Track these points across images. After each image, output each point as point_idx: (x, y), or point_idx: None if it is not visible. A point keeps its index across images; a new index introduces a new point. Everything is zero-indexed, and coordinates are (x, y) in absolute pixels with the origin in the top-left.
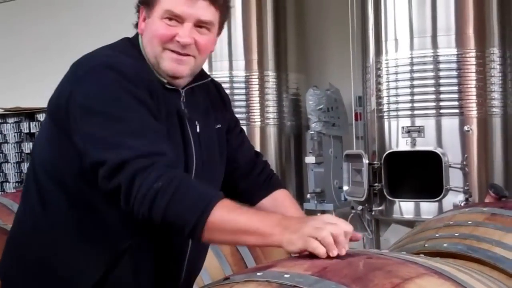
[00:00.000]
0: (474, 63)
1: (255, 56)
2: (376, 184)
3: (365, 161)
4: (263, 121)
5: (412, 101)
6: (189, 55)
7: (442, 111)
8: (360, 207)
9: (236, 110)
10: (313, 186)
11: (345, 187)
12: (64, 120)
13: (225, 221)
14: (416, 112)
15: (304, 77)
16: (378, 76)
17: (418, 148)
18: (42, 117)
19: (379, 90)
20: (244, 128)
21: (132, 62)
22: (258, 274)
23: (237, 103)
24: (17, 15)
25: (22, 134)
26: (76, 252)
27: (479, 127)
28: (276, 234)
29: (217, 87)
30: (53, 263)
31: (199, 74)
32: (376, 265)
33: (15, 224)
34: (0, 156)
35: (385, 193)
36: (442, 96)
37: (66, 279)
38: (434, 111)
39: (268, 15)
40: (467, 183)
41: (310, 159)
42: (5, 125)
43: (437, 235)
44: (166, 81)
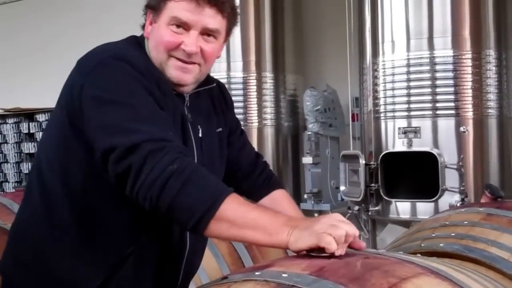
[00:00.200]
0: (470, 65)
1: (253, 57)
2: (373, 185)
3: (362, 162)
4: (261, 122)
5: (409, 102)
6: (195, 63)
7: (438, 112)
8: (357, 207)
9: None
10: (310, 186)
11: (342, 187)
12: (77, 115)
13: (234, 215)
14: (413, 113)
15: (302, 78)
16: (375, 77)
17: (415, 149)
18: (42, 118)
19: (376, 91)
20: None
21: (141, 56)
22: (256, 274)
23: (235, 104)
24: (17, 17)
25: (22, 135)
26: (78, 256)
27: (475, 128)
28: (283, 234)
29: (221, 89)
30: (54, 265)
31: (205, 79)
32: (374, 265)
33: (17, 223)
34: (0, 156)
35: (382, 193)
36: (438, 97)
37: (67, 282)
38: (431, 112)
39: (266, 17)
40: (463, 184)
41: (307, 160)
42: (5, 126)
43: (434, 235)
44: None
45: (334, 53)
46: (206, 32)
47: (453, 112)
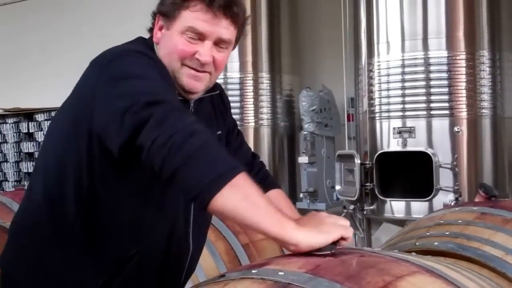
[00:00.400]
0: (464, 65)
1: (250, 58)
2: (368, 184)
3: (357, 161)
4: (257, 122)
5: (403, 103)
6: (206, 72)
7: (433, 112)
8: (352, 206)
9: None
10: (306, 186)
11: (338, 187)
12: (89, 110)
13: (251, 187)
14: (407, 113)
15: (298, 79)
16: (370, 78)
17: (409, 149)
18: (41, 118)
19: (371, 92)
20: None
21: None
22: (253, 272)
23: (232, 104)
24: (17, 18)
25: (21, 134)
26: (81, 256)
27: (469, 128)
28: (293, 227)
29: (220, 92)
30: (56, 264)
31: None
32: (369, 263)
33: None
34: (0, 156)
35: (377, 193)
36: (433, 98)
37: (69, 281)
38: (425, 112)
39: (263, 18)
40: (457, 183)
41: (303, 159)
42: (5, 125)
43: (428, 234)
44: (178, 93)
45: (330, 54)
46: (219, 42)
47: (447, 112)
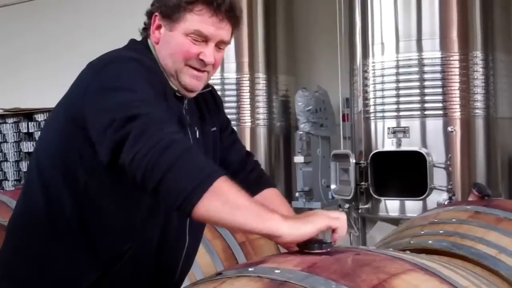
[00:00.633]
0: (458, 66)
1: (246, 59)
2: (363, 183)
3: (352, 161)
4: (254, 122)
5: (398, 103)
6: (205, 71)
7: (427, 113)
8: (347, 205)
9: (227, 111)
10: (302, 185)
11: (333, 186)
12: (80, 113)
13: (229, 192)
14: (402, 113)
15: (293, 79)
16: (365, 79)
17: (403, 148)
18: (40, 118)
19: (366, 92)
20: (235, 129)
21: (151, 61)
22: (250, 270)
23: (228, 104)
24: (16, 19)
25: (21, 134)
26: (77, 250)
27: (462, 128)
28: (276, 220)
29: (211, 91)
30: (53, 258)
31: None
32: (364, 261)
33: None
34: (0, 155)
35: (371, 192)
36: (427, 98)
37: (65, 275)
38: (419, 112)
39: (259, 20)
40: (451, 182)
41: (299, 159)
42: (5, 125)
43: (422, 232)
44: (177, 90)
45: (325, 55)
46: (219, 43)
47: (441, 113)
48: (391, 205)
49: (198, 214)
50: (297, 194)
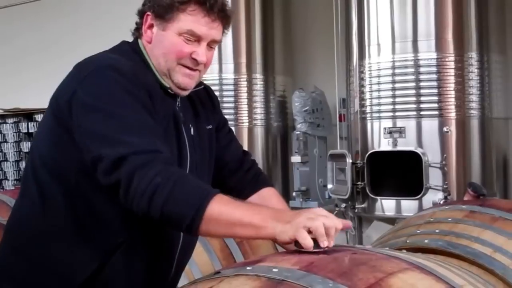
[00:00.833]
0: (453, 67)
1: (244, 60)
2: (359, 183)
3: (349, 161)
4: (251, 122)
5: (394, 103)
6: (197, 70)
7: (422, 113)
8: (344, 205)
9: (225, 111)
10: (299, 185)
11: (329, 186)
12: (67, 118)
13: (222, 214)
14: (398, 114)
15: (291, 80)
16: (361, 79)
17: (399, 148)
18: (40, 118)
19: (362, 93)
20: (233, 129)
21: (133, 65)
22: (248, 268)
23: (226, 105)
24: (16, 20)
25: (21, 134)
26: (71, 246)
27: (458, 128)
28: (269, 227)
29: (207, 89)
30: (49, 253)
31: None
32: (361, 260)
33: (15, 215)
34: (0, 155)
35: (368, 191)
36: (422, 99)
37: (60, 271)
38: (415, 113)
39: (256, 21)
40: (446, 182)
41: (296, 159)
42: (5, 125)
43: (418, 232)
44: (169, 87)
45: (322, 56)
46: (211, 43)
47: (437, 113)
48: (387, 205)
49: (202, 233)
50: (294, 194)
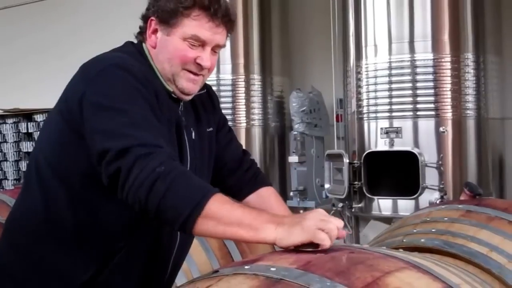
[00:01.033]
0: (449, 68)
1: (242, 60)
2: (356, 183)
3: (346, 161)
4: (249, 122)
5: (390, 104)
6: (201, 75)
7: (419, 113)
8: (341, 204)
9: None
10: (296, 184)
11: (327, 185)
12: (77, 119)
13: (220, 212)
14: (394, 114)
15: (288, 80)
16: (358, 80)
17: (396, 148)
18: (40, 118)
19: (359, 93)
20: None
21: (141, 66)
22: (246, 267)
23: (224, 105)
24: (16, 21)
25: (20, 134)
26: (71, 248)
27: (454, 128)
28: (269, 229)
29: (208, 91)
30: (48, 255)
31: None
32: (358, 259)
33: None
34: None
35: (365, 191)
36: (419, 99)
37: (59, 272)
38: (411, 113)
39: (254, 22)
40: (442, 182)
41: (293, 159)
42: (4, 125)
43: (415, 231)
44: (172, 91)
45: (319, 57)
46: (215, 47)
47: (433, 113)
48: (384, 204)
49: (197, 232)
50: (292, 193)
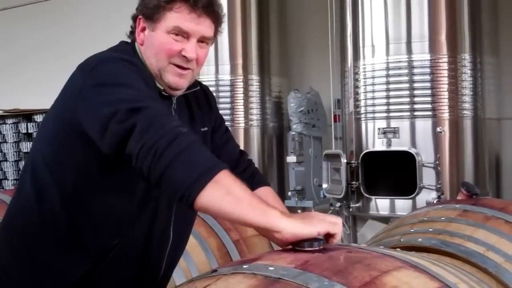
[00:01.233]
0: (446, 68)
1: (240, 61)
2: (354, 182)
3: (343, 161)
4: (247, 123)
5: (388, 104)
6: (189, 69)
7: (416, 113)
8: (338, 204)
9: (222, 112)
10: (294, 184)
11: (324, 185)
12: (74, 114)
13: (233, 183)
14: (392, 114)
15: (286, 81)
16: (356, 80)
17: (393, 148)
18: (39, 118)
19: (357, 93)
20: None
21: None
22: (244, 267)
23: (223, 106)
24: (16, 22)
25: (20, 134)
26: (65, 246)
27: (451, 129)
28: (277, 215)
29: (204, 90)
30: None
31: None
32: (356, 259)
33: (11, 213)
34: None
35: (362, 191)
36: (416, 99)
37: (53, 269)
38: (409, 113)
39: (252, 22)
40: (439, 181)
41: (291, 159)
42: (4, 126)
43: (412, 230)
44: (163, 89)
45: (317, 57)
46: (202, 39)
47: (430, 113)
48: (381, 204)
49: (200, 204)
50: (290, 193)
